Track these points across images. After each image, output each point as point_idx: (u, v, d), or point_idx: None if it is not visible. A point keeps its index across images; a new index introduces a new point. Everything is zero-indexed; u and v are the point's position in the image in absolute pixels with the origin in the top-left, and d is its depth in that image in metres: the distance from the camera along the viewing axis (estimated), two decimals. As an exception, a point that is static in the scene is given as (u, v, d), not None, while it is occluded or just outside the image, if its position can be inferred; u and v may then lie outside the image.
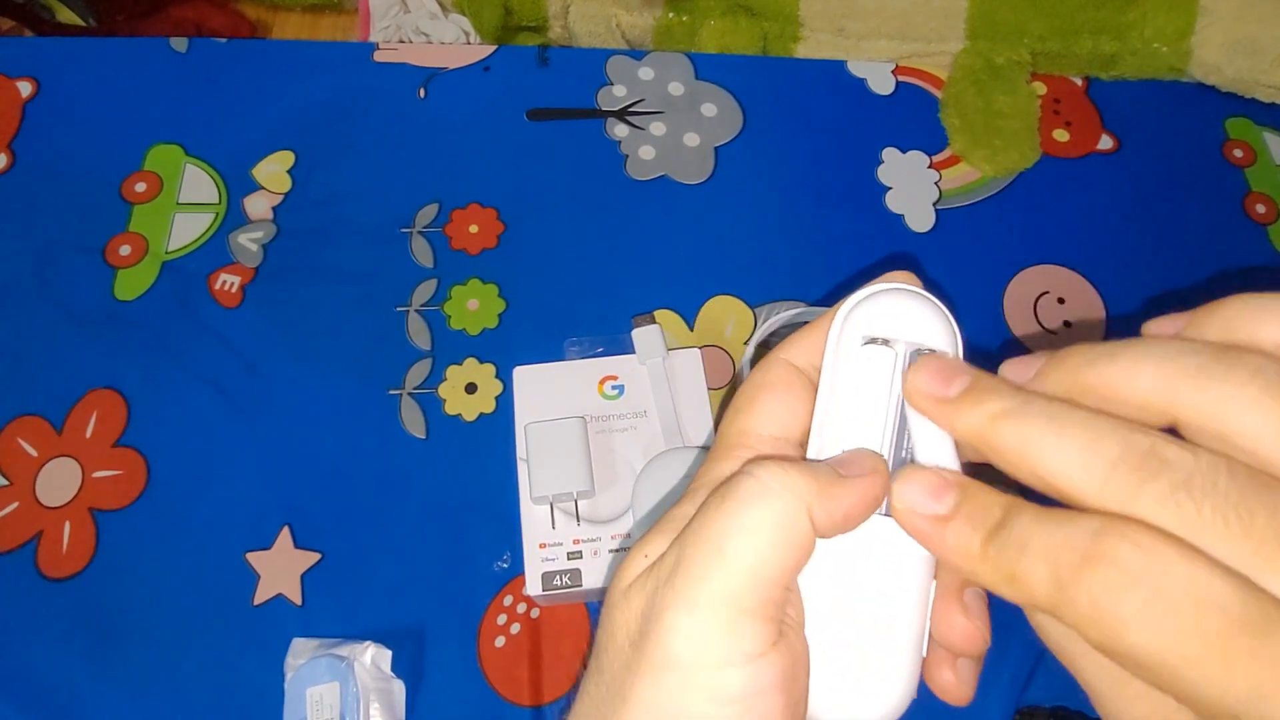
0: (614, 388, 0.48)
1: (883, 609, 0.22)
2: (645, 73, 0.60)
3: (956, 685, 0.21)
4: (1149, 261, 0.55)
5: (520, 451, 0.46)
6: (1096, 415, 0.18)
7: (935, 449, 0.22)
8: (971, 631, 0.21)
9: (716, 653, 0.19)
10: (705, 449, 0.45)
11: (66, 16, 0.64)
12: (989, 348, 0.52)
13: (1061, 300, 0.54)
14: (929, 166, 0.58)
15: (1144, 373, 0.18)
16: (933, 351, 0.22)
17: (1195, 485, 0.15)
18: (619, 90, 0.60)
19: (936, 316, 0.23)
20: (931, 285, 0.58)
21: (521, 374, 0.48)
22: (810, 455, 0.22)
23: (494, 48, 0.61)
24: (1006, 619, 0.48)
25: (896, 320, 0.23)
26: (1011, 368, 0.20)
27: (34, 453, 0.47)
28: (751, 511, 0.20)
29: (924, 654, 0.22)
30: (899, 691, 0.21)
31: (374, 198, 0.55)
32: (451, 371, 0.50)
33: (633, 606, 0.20)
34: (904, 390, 0.22)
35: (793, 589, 0.21)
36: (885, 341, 0.23)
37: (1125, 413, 0.18)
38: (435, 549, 0.46)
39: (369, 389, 0.49)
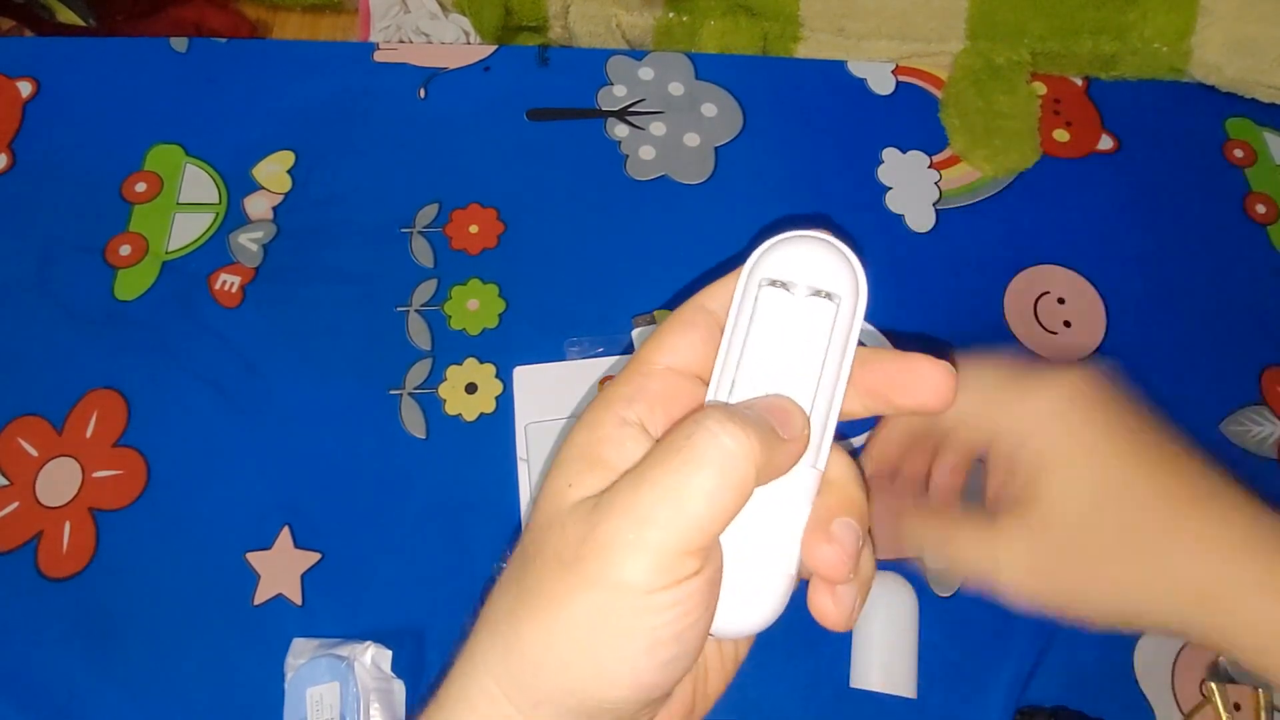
0: (614, 388, 0.48)
1: (764, 535, 0.24)
2: (645, 73, 0.60)
3: (834, 611, 0.24)
4: (1149, 261, 0.55)
5: (520, 451, 0.46)
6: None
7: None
8: (833, 558, 0.23)
9: (657, 581, 0.21)
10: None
11: (66, 16, 0.65)
12: (989, 347, 0.52)
13: (1061, 300, 0.54)
14: (929, 166, 0.58)
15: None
16: (829, 296, 0.24)
17: None
18: (619, 90, 0.60)
19: (840, 262, 0.25)
20: (932, 285, 0.58)
21: (521, 374, 0.48)
22: (711, 391, 0.25)
23: (494, 48, 0.61)
24: (1006, 619, 0.48)
25: (800, 266, 0.25)
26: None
27: (34, 453, 0.47)
28: (707, 470, 0.22)
29: (793, 576, 0.25)
30: (764, 609, 0.24)
31: (374, 198, 0.55)
32: (452, 371, 0.50)
33: (569, 533, 0.22)
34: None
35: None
36: (785, 285, 0.25)
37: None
38: (435, 549, 0.46)
39: (369, 389, 0.49)
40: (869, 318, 0.51)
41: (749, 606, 0.24)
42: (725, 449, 0.22)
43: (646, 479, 0.22)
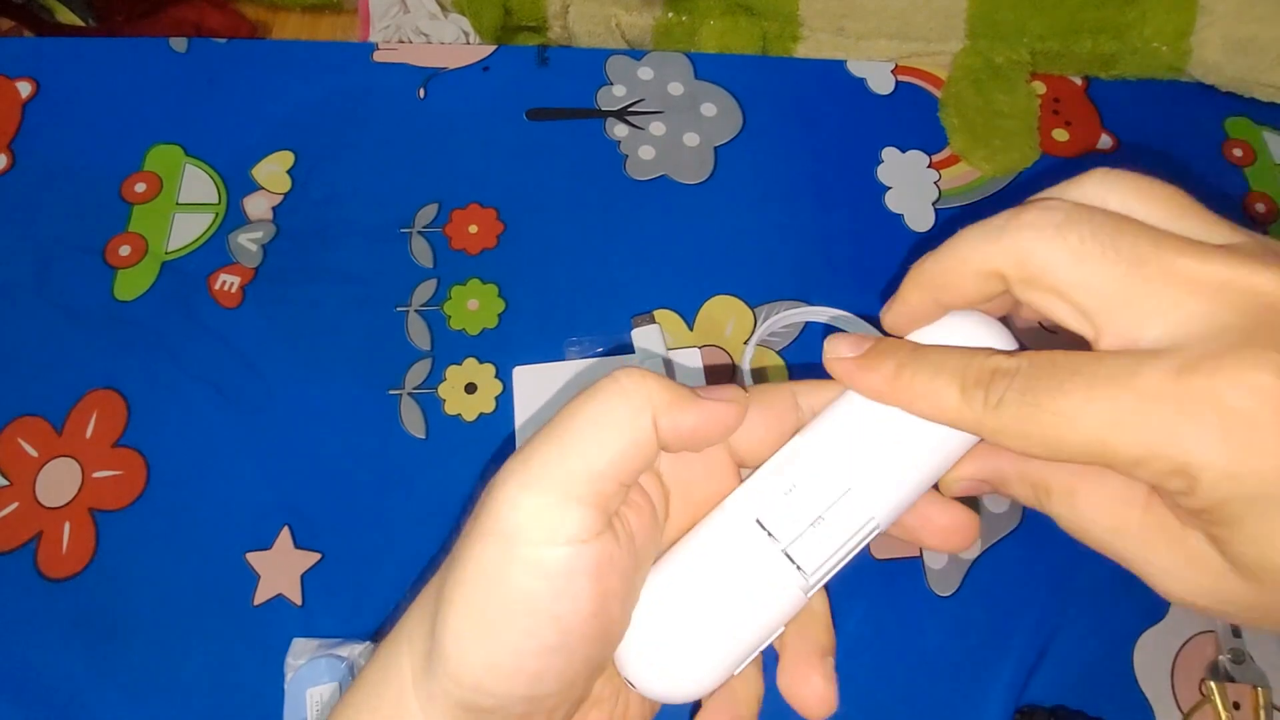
0: (614, 388, 0.48)
1: (731, 616, 0.23)
2: (645, 73, 0.60)
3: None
4: (1149, 261, 0.55)
5: (520, 451, 0.46)
6: (945, 354, 0.22)
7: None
8: (825, 694, 0.23)
9: (542, 530, 0.20)
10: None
11: (66, 16, 0.64)
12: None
13: (1061, 300, 0.54)
14: (929, 166, 0.58)
15: (965, 259, 0.22)
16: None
17: (1019, 374, 0.21)
18: (619, 90, 0.60)
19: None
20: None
21: (521, 374, 0.48)
22: (757, 476, 0.25)
23: (493, 48, 0.61)
24: (1007, 619, 0.48)
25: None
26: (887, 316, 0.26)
27: (34, 453, 0.47)
28: (601, 408, 0.21)
29: (734, 673, 0.24)
30: (693, 688, 0.23)
31: (374, 198, 0.55)
32: (451, 371, 0.50)
33: (488, 484, 0.22)
34: (824, 359, 0.25)
35: (630, 489, 0.23)
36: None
37: (972, 292, 0.23)
38: (435, 549, 0.46)
39: (369, 389, 0.49)
40: (869, 318, 0.51)
41: (673, 671, 0.23)
42: (622, 388, 0.22)
43: (547, 424, 0.22)
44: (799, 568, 0.23)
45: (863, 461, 0.24)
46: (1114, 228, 0.20)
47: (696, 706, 0.25)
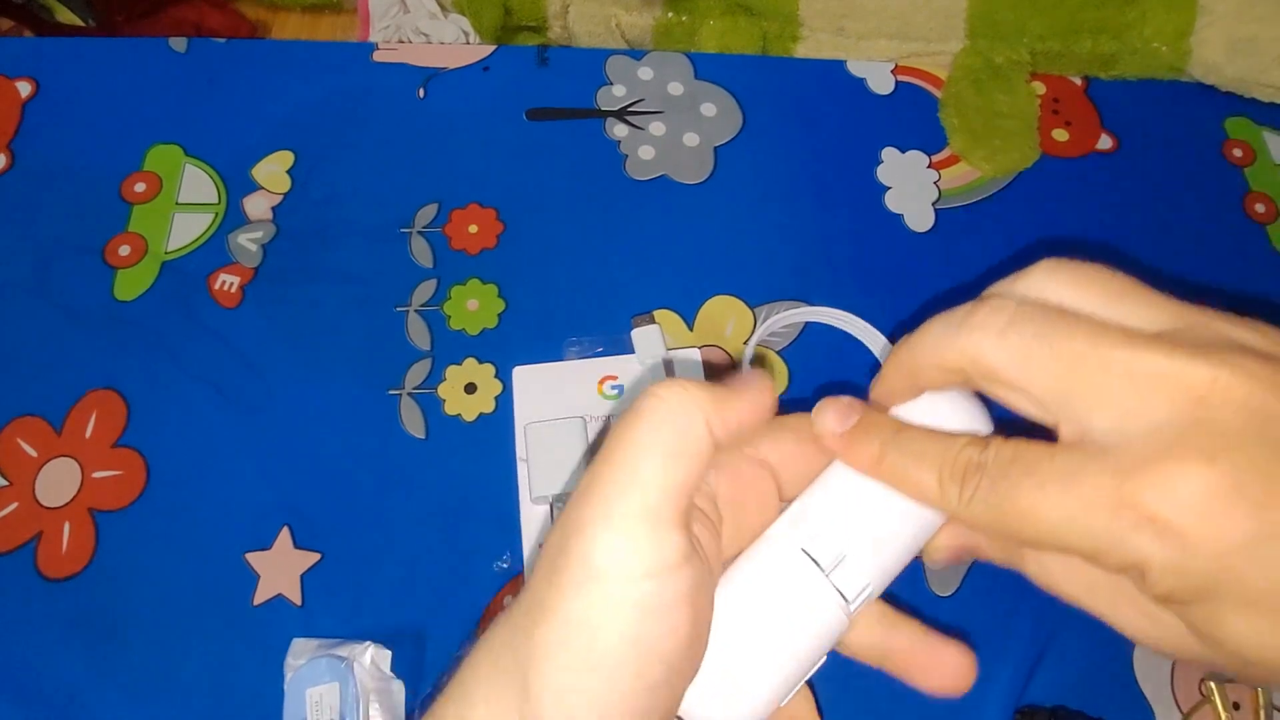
0: (614, 388, 0.48)
1: (785, 640, 0.24)
2: (645, 73, 0.60)
3: None
4: (1148, 261, 0.55)
5: (520, 451, 0.46)
6: (925, 443, 0.23)
7: None
8: None
9: (634, 564, 0.20)
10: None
11: (66, 16, 0.64)
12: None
13: (1061, 300, 0.54)
14: (928, 166, 0.58)
15: (929, 353, 0.24)
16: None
17: (986, 470, 0.22)
18: (618, 90, 0.60)
19: None
20: (931, 285, 0.58)
21: (521, 374, 0.48)
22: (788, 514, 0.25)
23: (493, 48, 0.61)
24: (1006, 619, 0.48)
25: None
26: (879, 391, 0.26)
27: (34, 453, 0.47)
28: (652, 426, 0.22)
29: (782, 703, 0.24)
30: (750, 714, 0.24)
31: (373, 198, 0.55)
32: (451, 371, 0.50)
33: (556, 528, 0.22)
34: (813, 427, 0.25)
35: (698, 505, 0.23)
36: None
37: (940, 382, 0.24)
38: (435, 549, 0.46)
39: (369, 389, 0.49)
40: (868, 318, 0.51)
41: (738, 700, 0.23)
42: (668, 403, 0.22)
43: (602, 457, 0.22)
44: (842, 595, 0.24)
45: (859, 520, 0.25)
46: (1054, 327, 0.21)
47: None
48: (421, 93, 0.59)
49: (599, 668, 0.20)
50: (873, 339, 0.51)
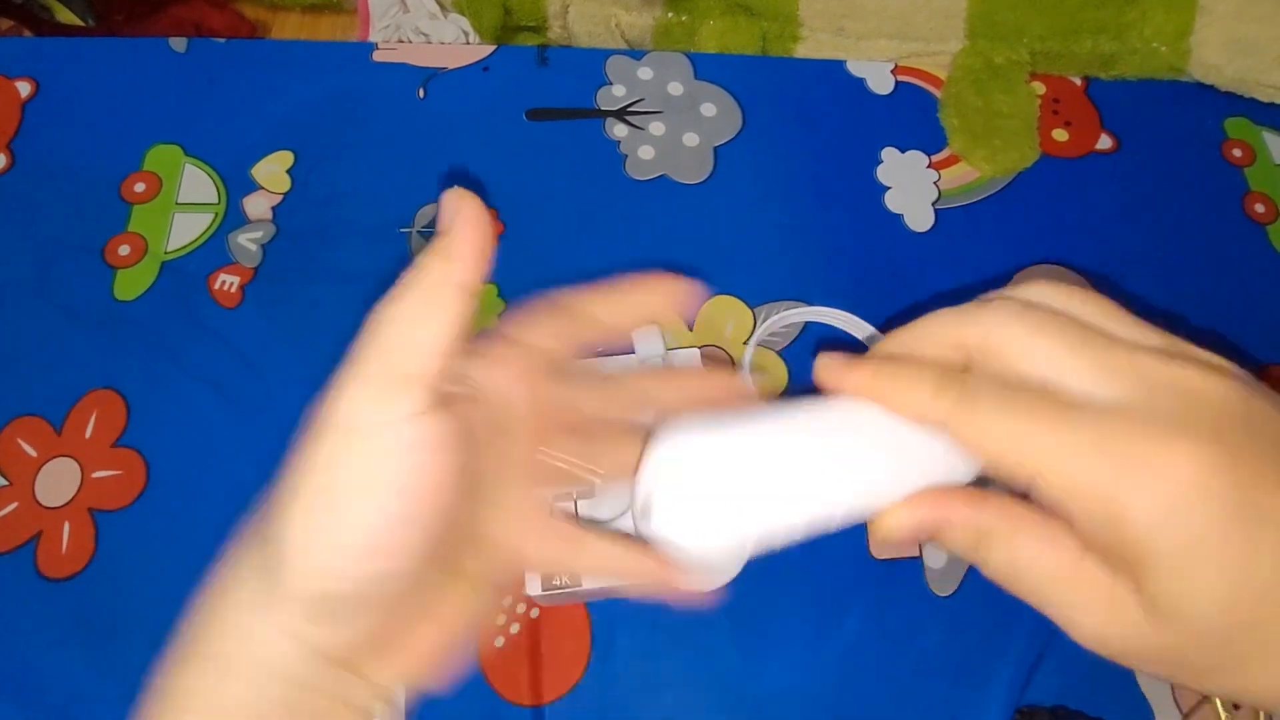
0: (614, 387, 0.48)
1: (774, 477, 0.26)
2: (644, 72, 0.60)
3: None
4: (1148, 261, 0.55)
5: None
6: (921, 363, 0.26)
7: None
8: None
9: (375, 415, 0.22)
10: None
11: (66, 16, 0.64)
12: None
13: (1061, 300, 0.54)
14: (928, 166, 0.58)
15: (937, 332, 0.26)
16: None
17: (968, 389, 0.24)
18: (618, 90, 0.60)
19: None
20: (931, 285, 0.58)
21: (521, 374, 0.48)
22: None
23: (493, 48, 0.61)
24: (1006, 619, 0.48)
25: None
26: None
27: (33, 453, 0.47)
28: (408, 296, 0.24)
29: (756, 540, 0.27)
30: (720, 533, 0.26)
31: (373, 198, 0.55)
32: (451, 371, 0.50)
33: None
34: (815, 373, 0.27)
35: (454, 364, 0.24)
36: None
37: (935, 358, 0.26)
38: (435, 549, 0.46)
39: (369, 389, 0.49)
40: (868, 318, 0.51)
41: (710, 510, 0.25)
42: (410, 279, 0.24)
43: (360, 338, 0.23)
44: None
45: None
46: (1059, 319, 0.24)
47: None
48: (421, 93, 0.59)
49: (335, 500, 0.22)
50: (873, 339, 0.51)
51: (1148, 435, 0.21)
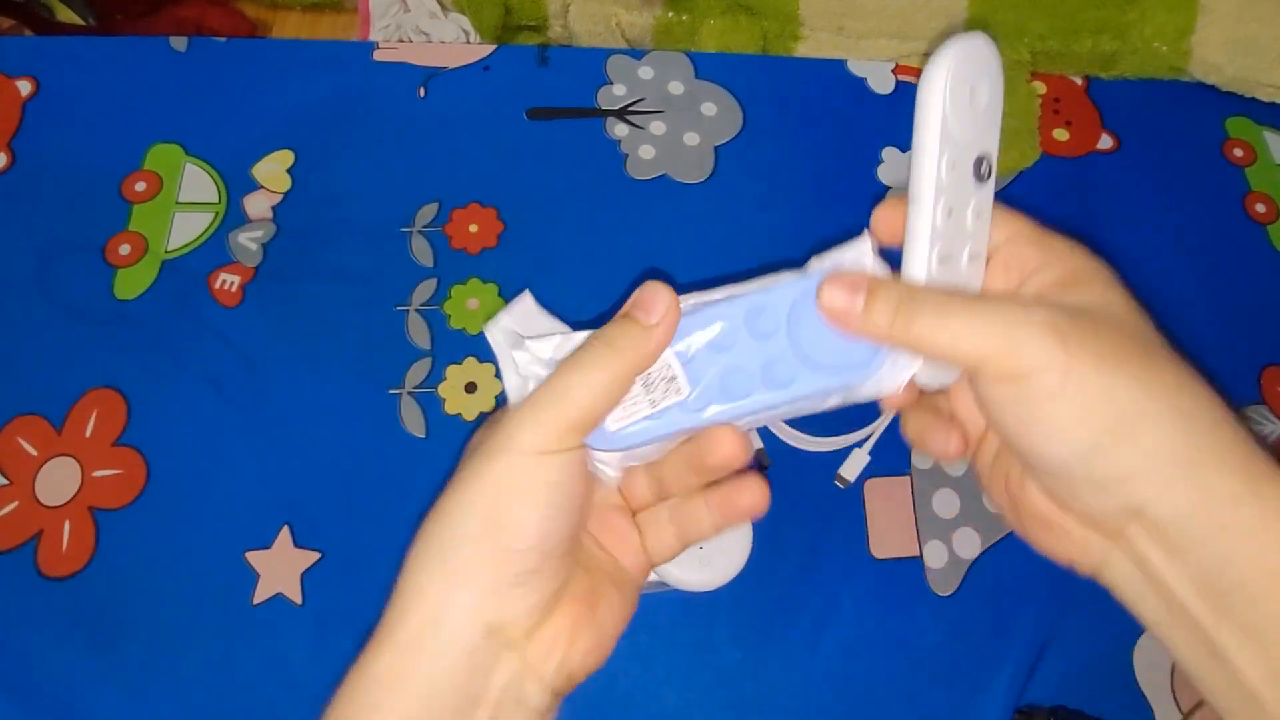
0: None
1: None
2: (645, 72, 0.60)
3: None
4: (1149, 261, 0.55)
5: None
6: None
7: None
8: None
9: (543, 445, 0.27)
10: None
11: (66, 16, 0.64)
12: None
13: (1061, 300, 0.54)
14: (929, 166, 0.57)
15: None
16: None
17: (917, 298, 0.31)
18: (619, 89, 0.60)
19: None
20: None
21: (521, 373, 0.48)
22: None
23: (494, 47, 0.61)
24: (1006, 619, 0.48)
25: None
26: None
27: (34, 452, 0.47)
28: (584, 367, 0.28)
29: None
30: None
31: (374, 197, 0.55)
32: (451, 371, 0.50)
33: (477, 437, 0.31)
34: (819, 306, 0.31)
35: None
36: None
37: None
38: (435, 548, 0.46)
39: (369, 388, 0.49)
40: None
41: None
42: (598, 348, 0.28)
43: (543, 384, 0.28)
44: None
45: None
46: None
47: None
48: (422, 92, 0.59)
49: (512, 505, 0.27)
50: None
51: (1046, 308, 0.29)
